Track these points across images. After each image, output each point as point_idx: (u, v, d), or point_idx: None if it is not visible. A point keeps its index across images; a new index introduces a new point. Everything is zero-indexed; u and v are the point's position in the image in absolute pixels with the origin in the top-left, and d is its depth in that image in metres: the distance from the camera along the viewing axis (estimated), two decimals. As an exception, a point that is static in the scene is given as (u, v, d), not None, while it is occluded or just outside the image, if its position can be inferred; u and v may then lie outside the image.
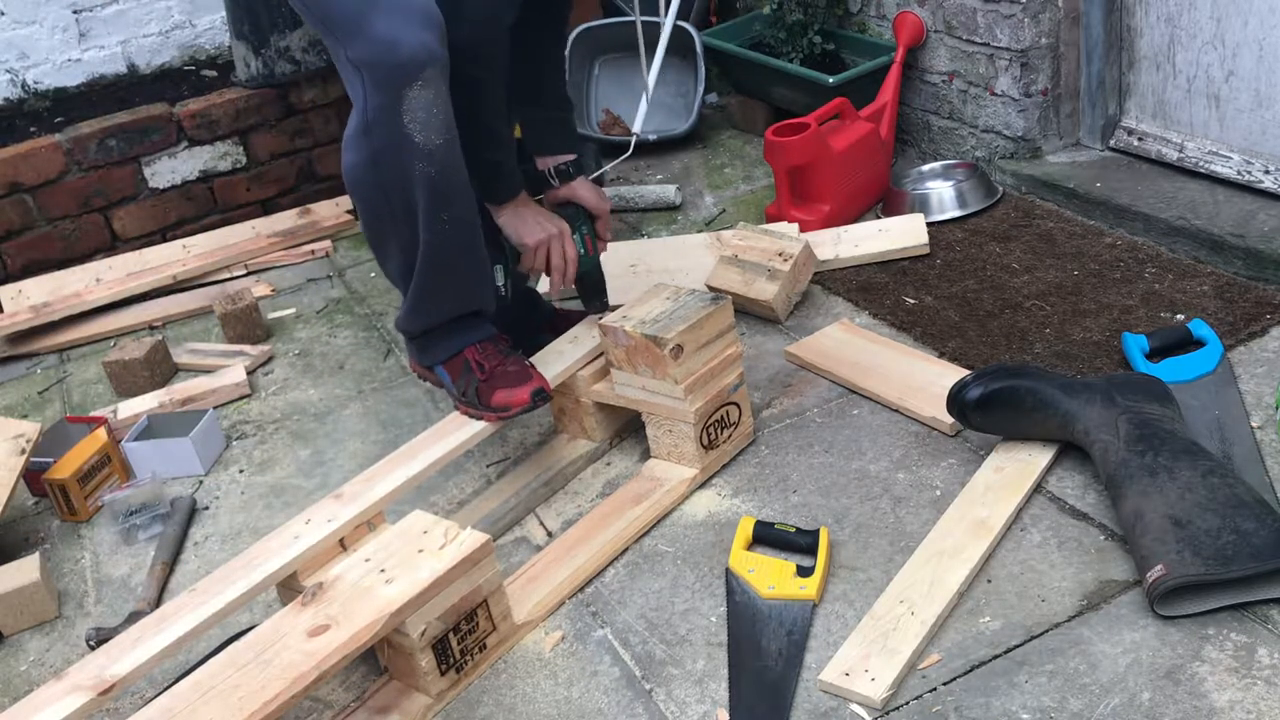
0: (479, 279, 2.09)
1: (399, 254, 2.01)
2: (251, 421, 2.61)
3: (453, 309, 2.09)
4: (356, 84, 1.85)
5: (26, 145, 3.22)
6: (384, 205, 1.94)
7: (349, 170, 1.94)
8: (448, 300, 2.07)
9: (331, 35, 1.87)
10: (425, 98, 1.83)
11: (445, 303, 2.07)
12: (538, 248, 2.19)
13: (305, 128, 3.51)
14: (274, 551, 1.84)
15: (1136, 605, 1.73)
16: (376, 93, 1.83)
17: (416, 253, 1.98)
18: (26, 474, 2.38)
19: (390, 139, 1.86)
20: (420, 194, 1.91)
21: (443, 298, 2.06)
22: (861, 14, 3.36)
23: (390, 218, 1.96)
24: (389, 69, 1.80)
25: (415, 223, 1.94)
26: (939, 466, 2.09)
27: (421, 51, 1.80)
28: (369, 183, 1.93)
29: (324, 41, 1.94)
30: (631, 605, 1.91)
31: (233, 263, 3.30)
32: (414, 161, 1.87)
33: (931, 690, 1.65)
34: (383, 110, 1.83)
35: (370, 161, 1.89)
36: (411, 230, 1.96)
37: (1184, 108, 2.81)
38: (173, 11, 3.67)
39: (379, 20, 1.80)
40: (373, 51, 1.81)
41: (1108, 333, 2.36)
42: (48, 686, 1.63)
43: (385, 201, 1.94)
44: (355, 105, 1.88)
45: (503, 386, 2.06)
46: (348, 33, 1.83)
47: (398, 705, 1.77)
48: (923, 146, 3.29)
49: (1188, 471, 1.80)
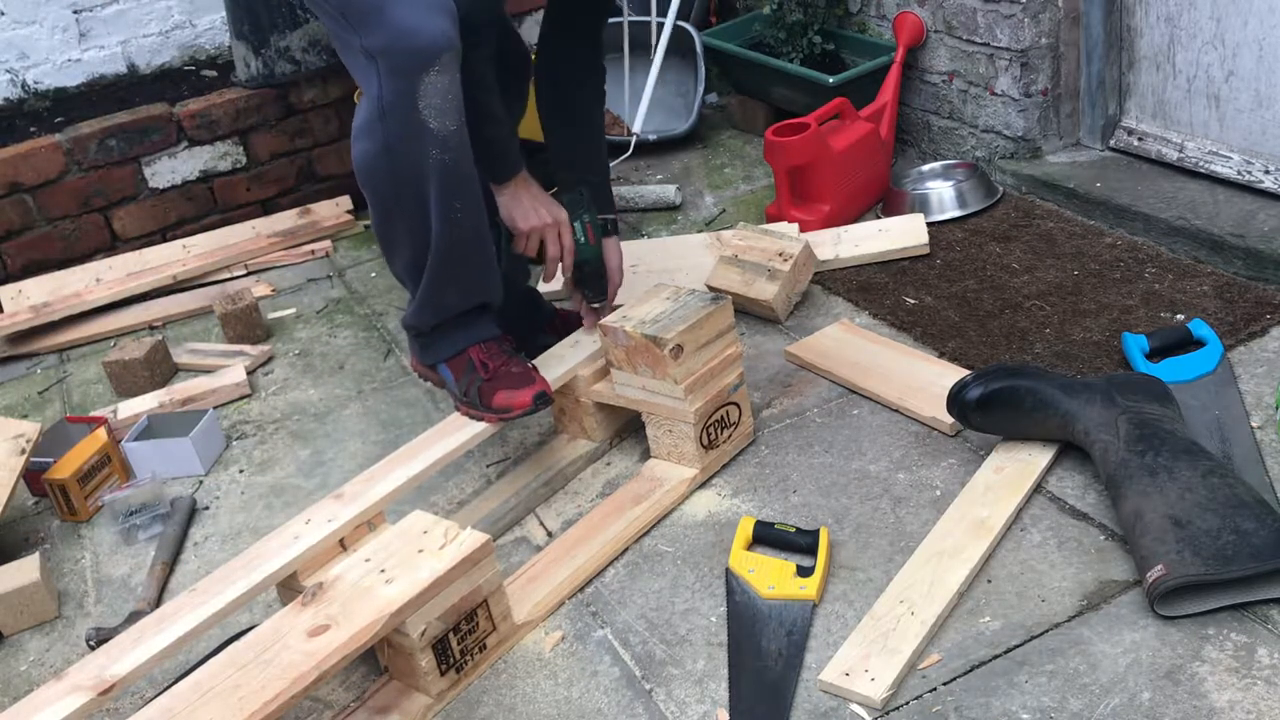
0: (487, 270, 2.09)
1: (408, 246, 2.01)
2: (251, 421, 2.61)
3: (462, 302, 2.09)
4: (370, 73, 1.86)
5: (26, 145, 3.22)
6: (395, 195, 1.95)
7: (361, 158, 1.94)
8: (457, 293, 2.07)
9: (346, 25, 1.87)
10: (441, 84, 1.84)
11: (454, 295, 2.07)
12: (530, 233, 2.17)
13: (305, 128, 3.51)
14: (274, 551, 1.84)
15: (1136, 605, 1.73)
16: (392, 80, 1.84)
17: (426, 244, 1.98)
18: (26, 474, 2.38)
19: (405, 126, 1.86)
20: (434, 182, 1.91)
21: (452, 290, 2.06)
22: (861, 14, 3.36)
23: (400, 208, 1.96)
24: (407, 55, 1.82)
25: (426, 213, 1.95)
26: (939, 466, 2.09)
27: (440, 38, 1.82)
28: (382, 170, 1.93)
29: (332, 33, 1.94)
30: (631, 605, 1.91)
31: (233, 263, 3.30)
32: (429, 148, 1.88)
33: (931, 690, 1.65)
34: (398, 97, 1.84)
35: (384, 149, 1.90)
36: (423, 221, 1.96)
37: (1184, 108, 2.81)
38: (173, 11, 3.67)
39: (398, 8, 1.82)
40: (391, 38, 1.82)
41: (1108, 333, 2.36)
42: (48, 686, 1.63)
43: (396, 191, 1.94)
44: (368, 94, 1.88)
45: (505, 388, 2.06)
46: (365, 21, 1.84)
47: (398, 705, 1.77)
48: (923, 146, 3.29)
49: (1188, 471, 1.80)
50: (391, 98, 1.85)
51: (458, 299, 2.08)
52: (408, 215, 1.96)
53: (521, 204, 2.16)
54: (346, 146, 3.53)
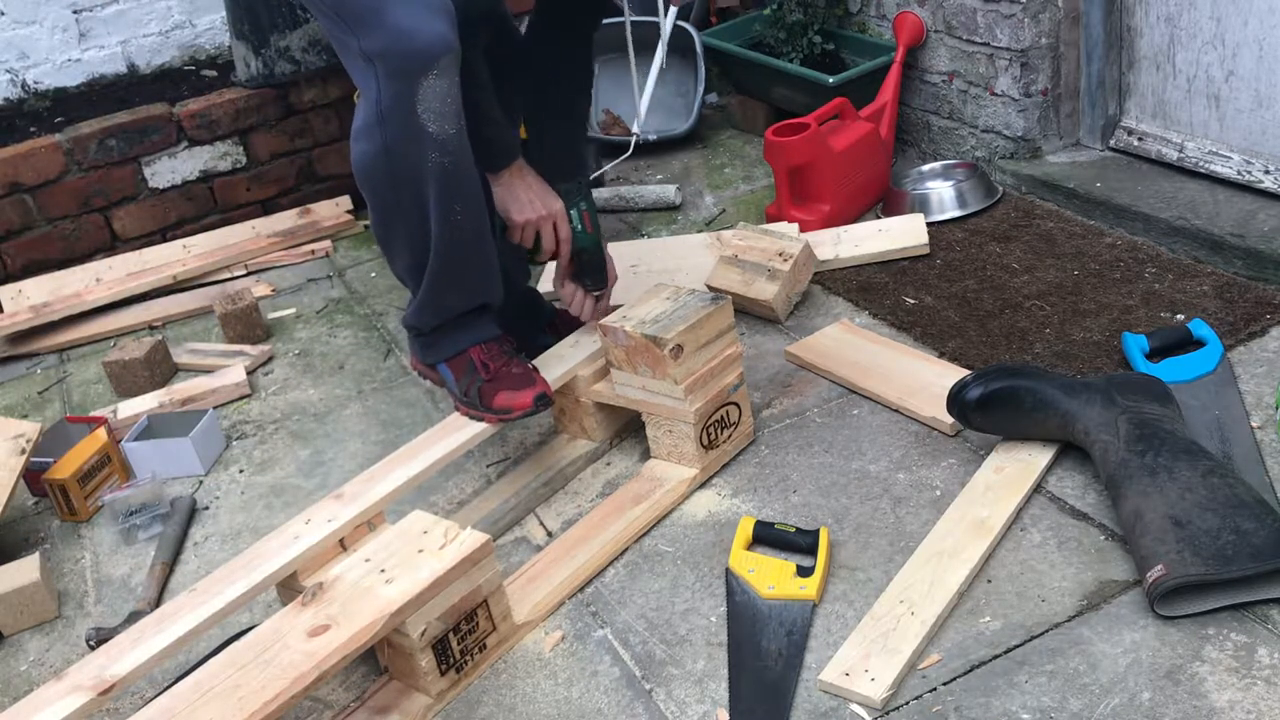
0: (488, 272, 2.08)
1: (408, 248, 2.01)
2: (251, 421, 2.61)
3: (463, 303, 2.08)
4: (369, 76, 1.85)
5: (26, 145, 3.22)
6: (395, 197, 1.94)
7: (359, 161, 1.94)
8: (458, 294, 2.07)
9: (344, 27, 1.87)
10: (440, 87, 1.84)
11: (455, 296, 2.07)
12: (524, 225, 2.16)
13: (305, 128, 3.51)
14: (274, 551, 1.84)
15: (1136, 605, 1.73)
16: (391, 83, 1.83)
17: (426, 246, 1.98)
18: (26, 474, 2.38)
19: (404, 130, 1.86)
20: (433, 185, 1.91)
21: (453, 291, 2.06)
22: (861, 14, 3.36)
23: (400, 211, 1.96)
24: (406, 58, 1.81)
25: (426, 215, 1.94)
26: (939, 466, 2.09)
27: (438, 41, 1.81)
28: (381, 173, 1.93)
29: (330, 35, 1.93)
30: (631, 605, 1.91)
31: (233, 263, 3.30)
32: (428, 151, 1.88)
33: (931, 690, 1.65)
34: (397, 100, 1.84)
35: (383, 151, 1.89)
36: (422, 223, 1.95)
37: (1184, 108, 2.81)
38: (173, 11, 3.67)
39: (396, 10, 1.81)
40: (390, 41, 1.81)
41: (1108, 333, 2.36)
42: (48, 686, 1.63)
43: (396, 193, 1.94)
44: (366, 97, 1.88)
45: (506, 388, 2.06)
46: (363, 24, 1.83)
47: (398, 705, 1.77)
48: (923, 146, 3.29)
49: (1188, 471, 1.80)
50: (390, 101, 1.84)
51: (459, 300, 2.08)
52: (407, 217, 1.96)
53: (517, 195, 2.14)
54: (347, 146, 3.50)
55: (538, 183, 2.16)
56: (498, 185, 2.13)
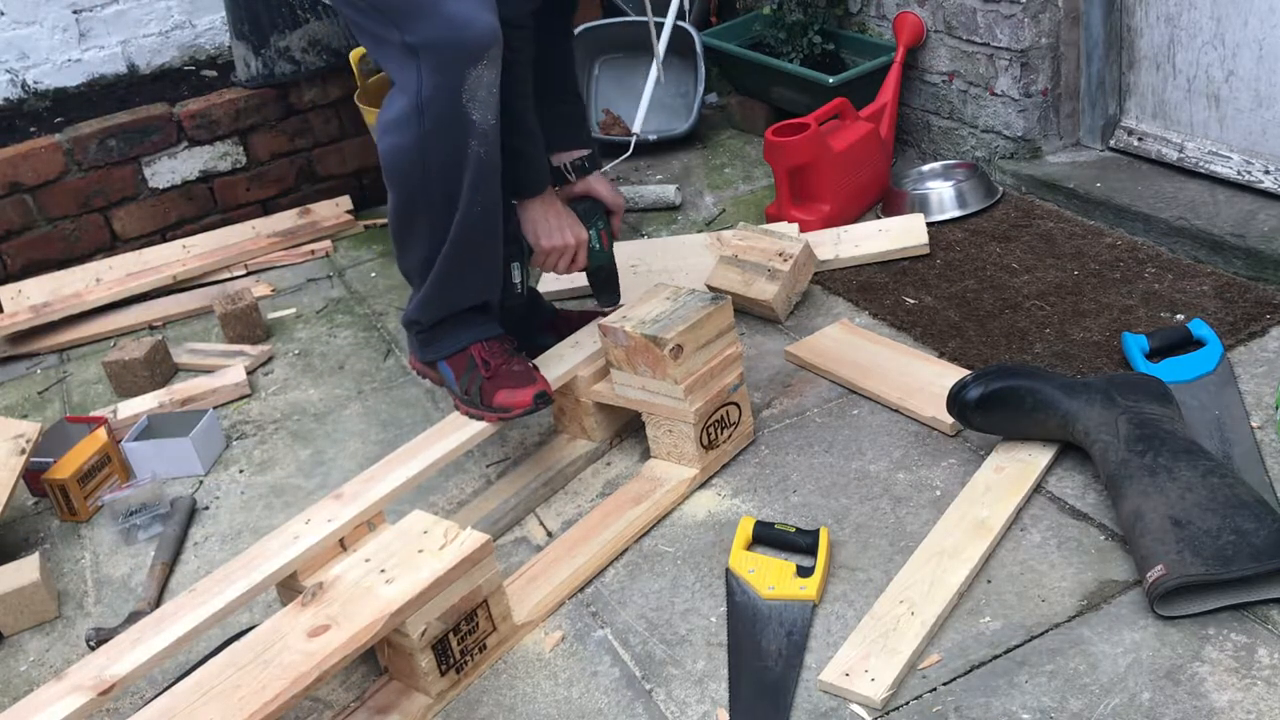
0: (493, 268, 2.10)
1: (426, 241, 2.02)
2: (251, 421, 2.61)
3: (467, 298, 2.09)
4: (410, 67, 1.87)
5: (26, 145, 3.22)
6: (424, 188, 1.95)
7: (391, 152, 1.95)
8: (464, 288, 2.08)
9: (382, 21, 1.88)
10: (488, 77, 1.87)
11: (462, 291, 2.08)
12: (551, 252, 2.20)
13: (305, 128, 3.51)
14: (274, 551, 1.84)
15: (1136, 605, 1.73)
16: (436, 73, 1.85)
17: (443, 241, 1.99)
18: (26, 474, 2.38)
19: (446, 120, 1.88)
20: (468, 174, 1.93)
21: (460, 285, 2.07)
22: (861, 14, 3.36)
23: (427, 201, 1.97)
24: (459, 47, 1.83)
25: (451, 208, 1.96)
26: (939, 466, 2.09)
27: (489, 32, 1.85)
28: (412, 164, 1.94)
29: (361, 29, 1.95)
30: (631, 605, 1.91)
31: (233, 263, 3.30)
32: (468, 140, 1.90)
33: (931, 690, 1.65)
34: (441, 90, 1.86)
35: (418, 142, 1.91)
36: (446, 215, 1.97)
37: (1184, 108, 2.81)
38: (173, 11, 3.68)
39: (450, 2, 1.83)
40: (443, 31, 1.83)
41: (1108, 333, 2.36)
42: (48, 686, 1.63)
43: (426, 184, 1.95)
44: (404, 89, 1.89)
45: (506, 386, 2.06)
46: (412, 16, 1.85)
47: (398, 705, 1.77)
48: (923, 146, 3.29)
49: (1188, 471, 1.80)
50: (431, 91, 1.86)
51: (464, 294, 2.08)
52: (433, 209, 1.97)
53: (547, 222, 2.18)
54: (347, 146, 3.59)
55: (565, 210, 2.21)
56: (527, 210, 2.16)
